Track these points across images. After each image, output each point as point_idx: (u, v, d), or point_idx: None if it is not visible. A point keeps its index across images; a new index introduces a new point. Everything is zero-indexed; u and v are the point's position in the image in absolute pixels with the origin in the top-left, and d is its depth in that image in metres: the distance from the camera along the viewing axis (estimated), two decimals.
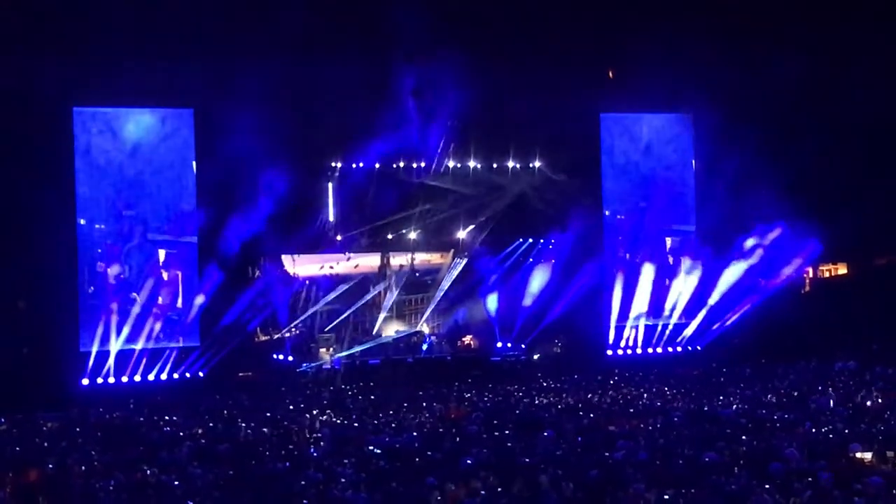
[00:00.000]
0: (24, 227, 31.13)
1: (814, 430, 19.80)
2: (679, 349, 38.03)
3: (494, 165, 37.56)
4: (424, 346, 37.55)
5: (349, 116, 33.27)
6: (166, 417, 24.79)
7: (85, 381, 32.23)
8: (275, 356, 35.96)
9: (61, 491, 16.17)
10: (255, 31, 32.08)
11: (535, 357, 37.02)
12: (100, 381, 32.41)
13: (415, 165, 36.55)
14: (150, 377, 33.07)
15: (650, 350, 37.93)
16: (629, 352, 37.83)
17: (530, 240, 39.52)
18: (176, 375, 33.48)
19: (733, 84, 35.78)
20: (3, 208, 30.79)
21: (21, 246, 31.11)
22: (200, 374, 33.79)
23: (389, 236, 38.96)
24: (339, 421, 23.63)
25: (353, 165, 36.08)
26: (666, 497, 14.35)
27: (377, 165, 36.01)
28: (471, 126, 34.70)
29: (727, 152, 35.70)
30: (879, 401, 24.01)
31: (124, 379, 32.66)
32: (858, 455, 17.00)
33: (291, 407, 27.07)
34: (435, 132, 35.22)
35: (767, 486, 14.53)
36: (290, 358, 35.64)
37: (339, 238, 37.77)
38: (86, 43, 31.00)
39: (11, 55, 30.60)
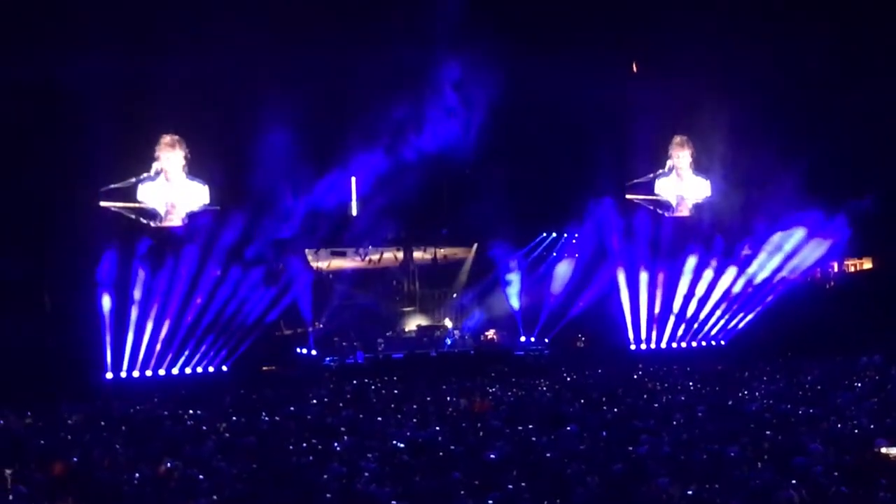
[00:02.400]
0: (47, 222, 31.32)
1: (839, 426, 19.67)
2: (703, 344, 37.91)
3: (518, 159, 37.37)
4: (448, 341, 37.43)
5: (372, 110, 33.26)
6: (190, 411, 24.84)
7: (109, 375, 32.37)
8: (298, 350, 35.99)
9: (86, 484, 16.23)
10: (280, 25, 32.09)
11: (559, 352, 36.85)
12: (123, 375, 32.56)
13: (438, 158, 36.36)
14: (174, 371, 33.22)
15: (674, 345, 37.82)
16: (653, 346, 37.74)
17: (554, 234, 39.37)
18: (200, 369, 33.61)
19: (758, 77, 35.65)
20: (28, 204, 31.01)
21: (45, 241, 31.34)
22: (224, 367, 33.88)
23: (413, 230, 38.84)
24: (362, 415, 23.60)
25: (376, 159, 35.95)
26: (689, 492, 14.29)
27: (400, 159, 35.86)
28: (495, 119, 34.57)
29: (752, 146, 35.55)
30: None
31: (148, 373, 32.81)
32: (884, 450, 16.85)
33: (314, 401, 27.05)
34: (459, 125, 35.14)
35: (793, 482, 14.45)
36: (314, 352, 35.66)
37: (362, 232, 37.64)
38: (108, 36, 31.09)
39: (35, 49, 30.76)
